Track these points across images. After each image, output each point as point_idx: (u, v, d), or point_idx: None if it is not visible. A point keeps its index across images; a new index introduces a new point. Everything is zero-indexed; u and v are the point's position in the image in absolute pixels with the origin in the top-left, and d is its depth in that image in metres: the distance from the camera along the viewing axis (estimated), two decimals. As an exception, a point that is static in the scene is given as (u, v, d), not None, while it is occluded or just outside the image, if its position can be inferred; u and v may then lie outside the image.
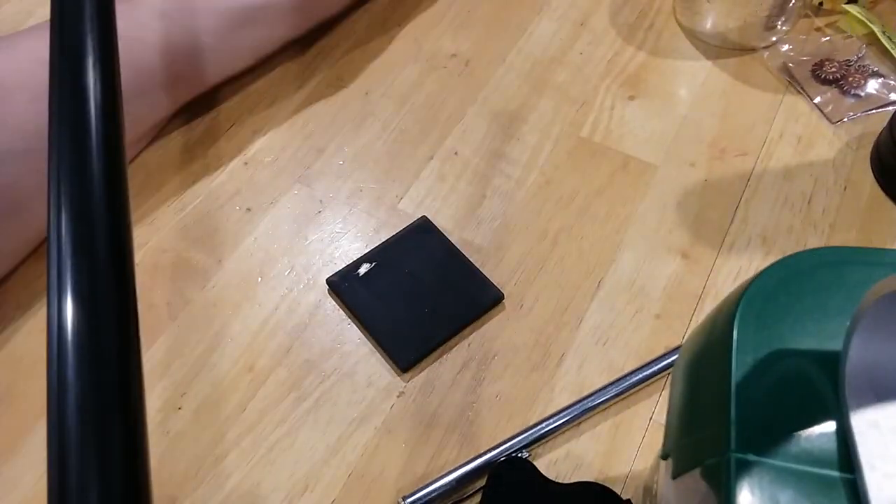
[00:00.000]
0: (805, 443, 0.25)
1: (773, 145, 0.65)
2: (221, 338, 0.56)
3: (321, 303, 0.57)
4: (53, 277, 0.24)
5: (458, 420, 0.51)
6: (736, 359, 0.28)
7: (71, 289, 0.23)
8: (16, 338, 0.56)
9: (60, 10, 0.34)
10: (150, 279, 0.59)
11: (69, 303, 0.23)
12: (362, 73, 0.70)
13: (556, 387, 0.53)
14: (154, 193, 0.63)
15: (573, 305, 0.56)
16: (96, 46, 0.33)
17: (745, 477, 0.25)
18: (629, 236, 0.60)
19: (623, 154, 0.65)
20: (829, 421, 0.26)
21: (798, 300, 0.29)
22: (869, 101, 0.66)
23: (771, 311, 0.29)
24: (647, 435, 0.51)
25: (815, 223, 0.60)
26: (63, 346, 0.22)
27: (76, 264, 0.24)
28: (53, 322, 0.23)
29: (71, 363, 0.22)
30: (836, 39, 0.71)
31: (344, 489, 0.49)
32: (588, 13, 0.75)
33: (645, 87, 0.69)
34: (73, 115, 0.29)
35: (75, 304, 0.23)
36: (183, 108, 0.68)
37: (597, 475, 0.49)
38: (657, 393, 0.52)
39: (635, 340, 0.55)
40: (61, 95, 0.30)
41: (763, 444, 0.25)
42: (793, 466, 0.25)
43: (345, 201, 0.63)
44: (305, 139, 0.67)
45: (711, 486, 0.26)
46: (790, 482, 0.25)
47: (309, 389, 0.53)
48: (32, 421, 0.52)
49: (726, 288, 0.57)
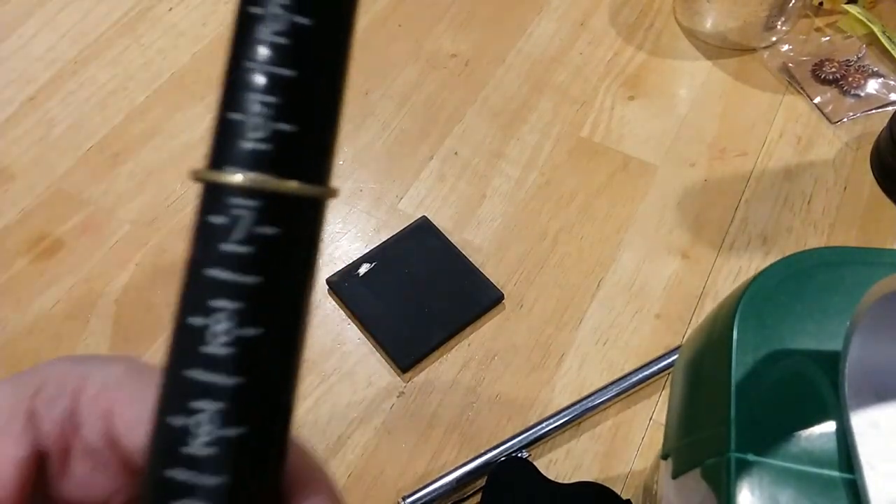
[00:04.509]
0: (805, 443, 0.25)
1: (773, 145, 0.65)
2: (221, 338, 0.56)
3: (321, 303, 0.57)
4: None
5: (458, 420, 0.51)
6: (736, 359, 0.28)
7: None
8: (15, 338, 0.56)
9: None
10: (151, 279, 0.59)
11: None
12: (362, 73, 0.70)
13: (556, 387, 0.53)
14: (154, 193, 0.63)
15: (573, 305, 0.56)
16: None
17: (744, 477, 0.25)
18: (629, 236, 0.60)
19: (623, 154, 0.65)
20: (829, 421, 0.26)
21: (798, 300, 0.29)
22: (869, 101, 0.66)
23: (771, 312, 0.29)
24: (647, 435, 0.51)
25: (815, 223, 0.60)
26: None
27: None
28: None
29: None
30: (836, 39, 0.71)
31: (344, 489, 0.49)
32: (588, 13, 0.75)
33: (645, 88, 0.69)
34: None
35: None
36: (181, 108, 0.68)
37: (597, 475, 0.49)
38: (657, 393, 0.52)
39: (635, 340, 0.55)
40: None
41: (763, 444, 0.25)
42: (793, 466, 0.25)
43: (345, 201, 0.63)
44: (305, 139, 0.67)
45: (711, 485, 0.26)
46: (790, 482, 0.25)
47: (309, 389, 0.53)
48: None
49: (726, 288, 0.57)
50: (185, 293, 0.14)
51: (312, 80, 0.14)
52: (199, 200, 0.14)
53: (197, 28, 0.74)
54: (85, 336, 0.56)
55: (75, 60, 0.72)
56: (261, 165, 0.13)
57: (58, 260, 0.60)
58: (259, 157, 0.13)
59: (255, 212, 0.13)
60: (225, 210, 0.13)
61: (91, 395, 0.18)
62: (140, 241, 0.61)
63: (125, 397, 0.17)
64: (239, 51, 0.14)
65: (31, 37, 0.74)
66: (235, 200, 0.13)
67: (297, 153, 0.14)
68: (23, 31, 0.74)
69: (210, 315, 0.14)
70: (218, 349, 0.14)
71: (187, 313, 0.14)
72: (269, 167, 0.13)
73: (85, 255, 0.60)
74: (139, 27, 0.74)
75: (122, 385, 0.18)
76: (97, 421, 0.18)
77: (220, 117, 0.14)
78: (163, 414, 0.14)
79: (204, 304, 0.14)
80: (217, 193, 0.14)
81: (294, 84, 0.14)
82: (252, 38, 0.14)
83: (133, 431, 0.17)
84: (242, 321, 0.14)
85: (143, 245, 0.60)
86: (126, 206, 0.63)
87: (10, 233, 0.61)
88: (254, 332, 0.14)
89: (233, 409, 0.14)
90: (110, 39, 0.73)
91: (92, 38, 0.73)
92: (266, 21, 0.13)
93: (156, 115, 0.68)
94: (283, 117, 0.13)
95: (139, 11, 0.75)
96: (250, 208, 0.13)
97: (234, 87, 0.14)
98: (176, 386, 0.14)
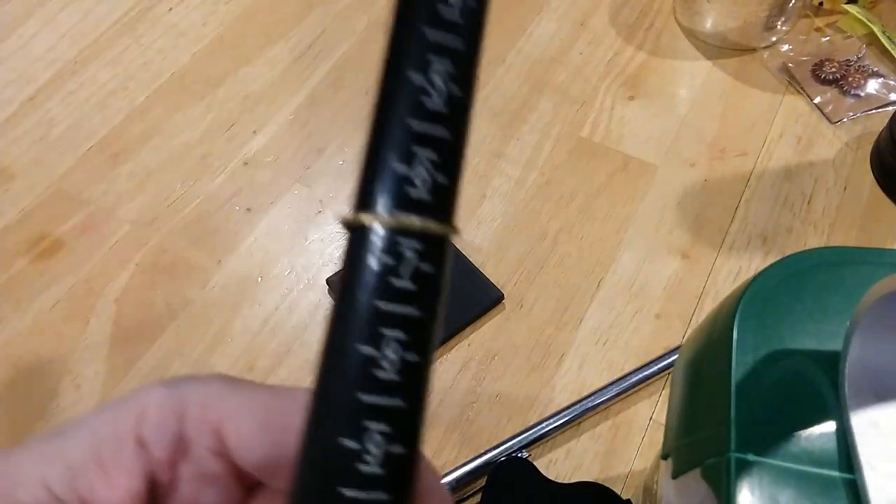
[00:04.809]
0: (805, 443, 0.25)
1: (773, 145, 0.65)
2: (221, 338, 0.56)
3: (321, 303, 0.57)
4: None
5: (458, 420, 0.51)
6: (736, 359, 0.28)
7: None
8: (15, 338, 0.56)
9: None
10: (151, 279, 0.59)
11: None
12: (362, 72, 0.70)
13: (556, 387, 0.53)
14: (154, 193, 0.63)
15: (573, 305, 0.56)
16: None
17: (744, 477, 0.25)
18: (629, 236, 0.60)
19: (623, 154, 0.65)
20: (829, 421, 0.26)
21: (798, 300, 0.29)
22: (869, 101, 0.66)
23: (771, 312, 0.29)
24: (647, 435, 0.51)
25: (815, 223, 0.60)
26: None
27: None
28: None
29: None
30: (836, 39, 0.71)
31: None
32: (588, 13, 0.75)
33: (645, 88, 0.69)
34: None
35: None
36: (181, 108, 0.68)
37: (597, 475, 0.49)
38: (657, 393, 0.52)
39: (635, 340, 0.55)
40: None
41: (763, 444, 0.25)
42: (792, 466, 0.25)
43: (345, 201, 0.63)
44: (306, 139, 0.67)
45: (711, 486, 0.26)
46: (790, 482, 0.25)
47: (309, 389, 0.53)
48: (32, 421, 0.52)
49: (726, 288, 0.57)
50: (350, 324, 0.16)
51: (462, 139, 0.16)
52: (363, 240, 0.16)
53: (197, 28, 0.74)
54: (85, 336, 0.56)
55: (75, 60, 0.72)
56: (425, 210, 0.16)
57: (58, 260, 0.60)
58: (423, 204, 0.16)
59: (418, 251, 0.16)
60: (394, 249, 0.16)
61: (196, 415, 0.18)
62: (140, 241, 0.61)
63: (232, 412, 0.18)
64: (401, 109, 0.16)
65: (31, 37, 0.74)
66: (404, 241, 0.16)
67: (449, 199, 0.16)
68: (23, 31, 0.74)
69: (381, 344, 0.16)
70: (389, 375, 0.16)
71: (356, 342, 0.16)
72: (430, 212, 0.16)
73: (85, 255, 0.60)
74: (139, 27, 0.74)
75: (224, 401, 0.18)
76: (206, 440, 0.18)
77: (385, 166, 0.16)
78: (330, 434, 0.16)
79: (376, 334, 0.16)
80: (387, 235, 0.16)
81: (449, 144, 0.16)
82: (414, 105, 0.16)
83: (246, 445, 0.18)
84: (406, 349, 0.16)
85: (143, 245, 0.60)
86: (126, 205, 0.63)
87: (10, 233, 0.61)
88: (415, 359, 0.16)
89: (399, 430, 0.16)
90: (110, 39, 0.73)
91: (92, 38, 0.73)
92: (430, 94, 0.16)
93: (156, 115, 0.68)
94: (442, 170, 0.16)
95: (139, 11, 0.75)
96: (415, 248, 0.16)
97: (397, 142, 0.16)
98: (346, 408, 0.16)
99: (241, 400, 0.18)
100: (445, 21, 0.16)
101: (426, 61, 0.16)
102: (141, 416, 0.18)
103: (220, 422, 0.18)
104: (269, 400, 0.18)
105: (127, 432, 0.18)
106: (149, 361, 0.55)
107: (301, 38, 0.72)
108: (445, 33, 0.16)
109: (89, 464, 0.17)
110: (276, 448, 0.18)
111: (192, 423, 0.18)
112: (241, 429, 0.18)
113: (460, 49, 0.16)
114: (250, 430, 0.17)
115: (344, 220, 0.16)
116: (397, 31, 0.16)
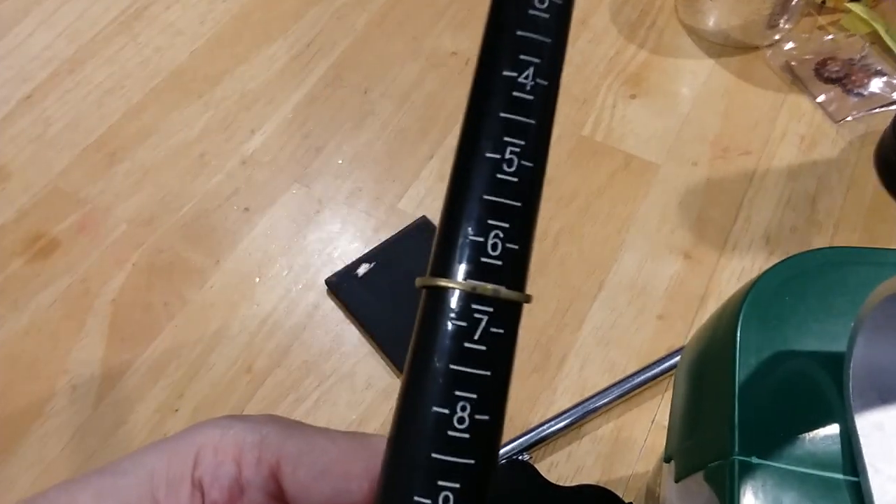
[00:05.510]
0: (809, 445, 0.25)
1: (776, 144, 0.64)
2: (219, 338, 0.55)
3: (320, 303, 0.57)
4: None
5: (458, 421, 0.51)
6: (739, 360, 0.27)
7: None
8: (11, 338, 0.56)
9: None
10: (148, 279, 0.58)
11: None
12: (361, 71, 0.70)
13: (558, 388, 0.52)
14: (151, 192, 0.63)
15: (574, 306, 0.56)
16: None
17: (748, 480, 0.24)
18: (631, 236, 0.59)
19: (624, 153, 0.64)
20: (833, 423, 0.25)
21: (802, 301, 0.28)
22: (872, 99, 0.66)
23: (775, 312, 0.28)
24: (650, 437, 0.50)
25: (818, 223, 0.59)
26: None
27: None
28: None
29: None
30: (839, 38, 0.71)
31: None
32: (589, 11, 0.75)
33: (646, 86, 0.69)
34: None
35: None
36: (178, 106, 0.67)
37: (598, 478, 0.49)
38: (660, 395, 0.52)
39: (637, 342, 0.54)
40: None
41: (766, 447, 0.25)
42: (796, 469, 0.25)
43: (344, 201, 0.62)
44: (304, 138, 0.66)
45: (715, 489, 0.26)
46: (793, 485, 0.24)
47: (308, 391, 0.53)
48: (29, 421, 0.52)
49: (729, 288, 0.56)
50: (427, 386, 0.16)
51: (533, 209, 0.18)
52: (440, 304, 0.17)
53: (194, 26, 0.74)
54: (81, 336, 0.56)
55: (72, 59, 0.71)
56: (496, 278, 0.17)
57: (54, 259, 0.59)
58: (496, 271, 0.17)
59: (490, 316, 0.16)
60: (467, 314, 0.16)
61: (252, 458, 0.18)
62: (137, 241, 0.60)
63: (290, 457, 0.18)
64: (477, 183, 0.17)
65: (27, 35, 0.73)
66: (477, 306, 0.16)
67: (521, 267, 0.17)
68: (19, 29, 0.74)
69: (454, 405, 0.16)
70: (461, 433, 0.16)
71: (432, 404, 0.16)
72: (502, 279, 0.17)
73: (81, 254, 0.59)
74: (136, 25, 0.74)
75: (282, 444, 0.18)
76: (264, 483, 0.18)
77: (463, 237, 0.17)
78: (406, 492, 0.16)
79: (450, 396, 0.16)
80: (461, 300, 0.17)
81: (519, 211, 0.18)
82: (487, 179, 0.17)
83: (304, 491, 0.18)
84: (477, 409, 0.16)
85: (139, 244, 0.60)
86: (123, 205, 0.62)
87: (6, 232, 0.61)
88: (485, 419, 0.16)
89: (469, 488, 0.17)
90: (107, 38, 0.73)
91: (89, 37, 0.73)
92: (501, 163, 0.17)
93: (153, 113, 0.68)
94: (512, 240, 0.17)
95: (136, 10, 0.75)
96: (487, 313, 0.16)
97: (473, 216, 0.17)
98: (420, 467, 0.16)
99: (299, 444, 0.18)
100: (520, 101, 0.17)
101: (503, 143, 0.17)
102: (197, 457, 0.18)
103: (277, 466, 0.18)
104: (327, 446, 0.18)
105: (183, 473, 0.18)
106: (146, 362, 0.54)
107: (299, 36, 0.72)
108: (519, 117, 0.17)
109: (145, 503, 0.17)
110: (335, 495, 0.18)
111: (248, 466, 0.18)
112: (300, 474, 0.18)
113: (533, 126, 0.17)
114: (308, 475, 0.18)
115: (421, 282, 0.17)
116: (473, 116, 0.17)
